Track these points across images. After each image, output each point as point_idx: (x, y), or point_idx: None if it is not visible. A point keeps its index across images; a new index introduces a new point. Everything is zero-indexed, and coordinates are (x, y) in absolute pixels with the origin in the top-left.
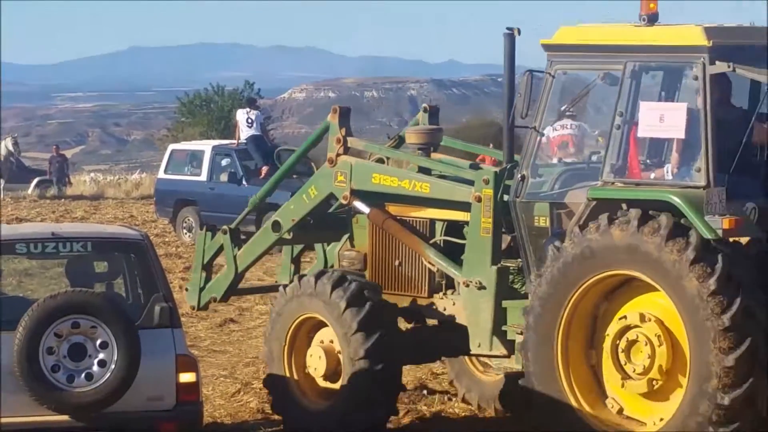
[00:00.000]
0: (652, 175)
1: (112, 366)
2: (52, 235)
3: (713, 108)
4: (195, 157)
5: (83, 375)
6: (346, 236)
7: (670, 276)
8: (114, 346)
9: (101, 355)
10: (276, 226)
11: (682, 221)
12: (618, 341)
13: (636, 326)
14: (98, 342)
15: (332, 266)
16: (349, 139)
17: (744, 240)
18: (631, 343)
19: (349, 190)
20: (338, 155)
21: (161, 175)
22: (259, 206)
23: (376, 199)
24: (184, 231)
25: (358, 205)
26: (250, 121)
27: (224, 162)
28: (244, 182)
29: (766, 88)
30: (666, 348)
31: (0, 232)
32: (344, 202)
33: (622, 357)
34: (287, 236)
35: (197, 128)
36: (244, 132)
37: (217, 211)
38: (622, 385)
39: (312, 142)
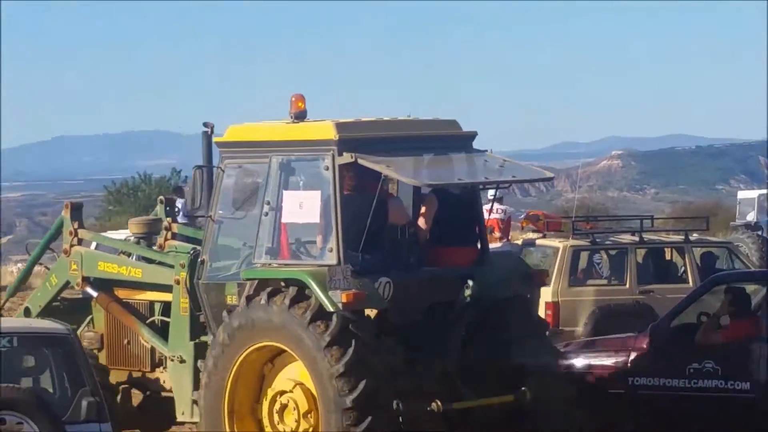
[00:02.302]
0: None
1: None
2: None
3: (342, 194)
4: None
5: None
6: (89, 318)
7: (296, 338)
8: None
9: None
10: (26, 311)
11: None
12: (272, 408)
13: (285, 392)
14: None
15: None
16: (80, 231)
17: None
18: (283, 408)
19: (81, 277)
20: (72, 246)
21: None
22: (13, 295)
23: (105, 284)
24: None
25: (89, 290)
26: (177, 209)
27: None
28: None
29: (382, 176)
30: (309, 406)
31: None
32: (78, 288)
33: (276, 421)
34: None
35: (125, 216)
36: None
37: None
38: None
39: (51, 236)
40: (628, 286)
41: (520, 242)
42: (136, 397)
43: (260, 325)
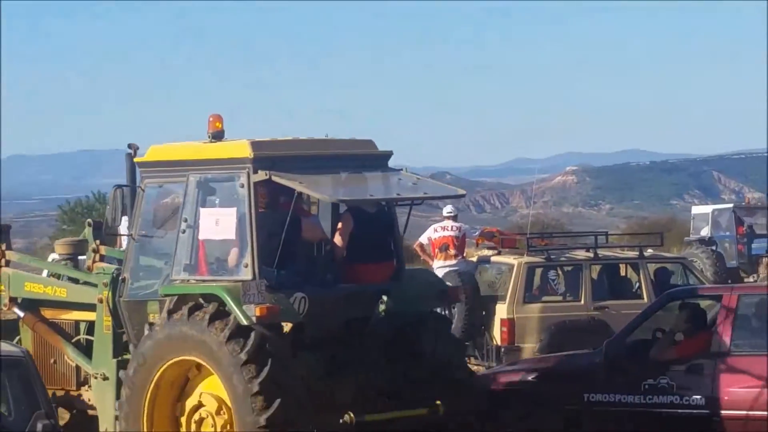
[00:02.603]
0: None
1: None
2: None
3: (257, 211)
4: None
5: None
6: (17, 338)
7: (213, 354)
8: None
9: None
10: None
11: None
12: (190, 422)
13: (201, 406)
14: None
15: None
16: (6, 252)
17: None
18: (200, 422)
19: (8, 298)
20: None
21: None
22: None
23: (32, 304)
24: None
25: (16, 310)
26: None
27: None
28: None
29: (296, 192)
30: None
31: None
32: (5, 309)
33: None
34: None
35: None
36: (127, 240)
37: None
38: None
39: None
40: (583, 302)
41: (475, 259)
42: (63, 416)
43: (175, 340)
